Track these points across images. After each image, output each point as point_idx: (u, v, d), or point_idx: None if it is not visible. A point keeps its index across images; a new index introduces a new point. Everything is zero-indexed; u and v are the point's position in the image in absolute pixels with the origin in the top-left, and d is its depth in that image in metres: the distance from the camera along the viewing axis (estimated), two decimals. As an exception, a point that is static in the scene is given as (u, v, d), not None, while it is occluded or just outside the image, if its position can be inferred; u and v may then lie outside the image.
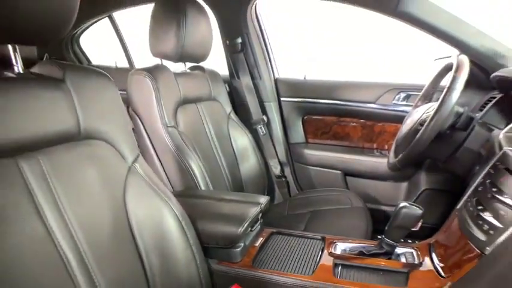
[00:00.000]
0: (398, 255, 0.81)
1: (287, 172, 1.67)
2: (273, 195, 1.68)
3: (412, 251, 0.81)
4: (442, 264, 0.73)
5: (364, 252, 0.80)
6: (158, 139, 1.08)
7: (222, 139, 1.34)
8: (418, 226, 0.77)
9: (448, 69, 1.04)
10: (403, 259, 0.79)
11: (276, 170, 1.64)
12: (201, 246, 0.76)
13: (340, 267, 0.78)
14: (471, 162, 0.99)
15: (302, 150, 1.67)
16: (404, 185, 1.51)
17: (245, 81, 1.58)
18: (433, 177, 1.41)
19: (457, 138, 1.02)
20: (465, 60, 0.93)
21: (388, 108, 1.50)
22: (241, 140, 1.44)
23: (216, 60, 1.46)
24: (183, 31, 1.10)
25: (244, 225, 0.77)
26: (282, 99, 1.67)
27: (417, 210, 0.76)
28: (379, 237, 0.85)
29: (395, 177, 1.50)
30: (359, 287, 0.71)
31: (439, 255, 0.77)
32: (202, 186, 1.07)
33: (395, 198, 1.52)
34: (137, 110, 1.10)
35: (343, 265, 0.79)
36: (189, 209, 0.77)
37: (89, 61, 2.02)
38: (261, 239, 0.90)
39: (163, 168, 1.11)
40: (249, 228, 0.82)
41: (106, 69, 0.71)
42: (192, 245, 0.73)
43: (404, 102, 1.46)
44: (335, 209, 1.30)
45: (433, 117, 0.89)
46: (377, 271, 0.76)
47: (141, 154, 0.73)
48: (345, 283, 0.72)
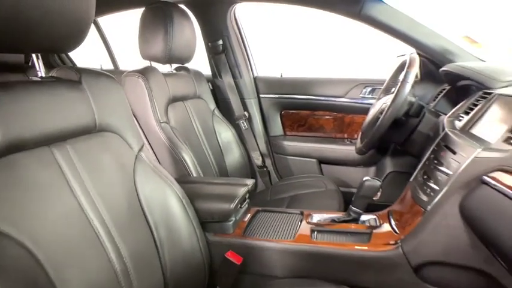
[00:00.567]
0: (363, 221, 0.96)
1: (268, 162, 1.80)
2: (256, 184, 1.80)
3: (375, 217, 0.98)
4: (397, 224, 0.90)
5: (335, 220, 0.96)
6: (153, 134, 1.19)
7: (208, 134, 1.45)
8: (378, 195, 0.93)
9: (403, 65, 1.21)
10: (367, 224, 0.95)
11: (257, 161, 1.76)
12: (200, 221, 0.88)
13: (316, 233, 0.93)
14: (423, 144, 1.17)
15: (281, 142, 1.80)
16: (372, 169, 1.68)
17: (227, 80, 1.69)
18: (396, 161, 1.59)
19: (411, 123, 1.20)
20: (416, 58, 1.10)
21: (356, 101, 1.65)
22: (226, 134, 1.56)
23: (198, 61, 1.56)
24: (170, 36, 1.20)
25: (235, 202, 0.90)
26: (261, 96, 1.80)
27: (376, 182, 0.92)
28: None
29: (364, 162, 1.67)
30: (331, 245, 0.86)
31: (395, 219, 0.93)
32: (194, 174, 1.19)
33: (364, 181, 1.70)
34: (132, 108, 1.19)
35: (319, 231, 0.94)
36: (187, 191, 0.88)
37: (74, 64, 2.06)
38: (249, 215, 1.03)
39: (157, 160, 1.22)
40: (239, 205, 0.95)
41: None
42: (193, 220, 0.85)
43: (370, 96, 1.62)
44: (311, 192, 1.45)
45: (389, 106, 1.05)
46: (346, 233, 0.92)
47: None
48: (320, 243, 0.88)
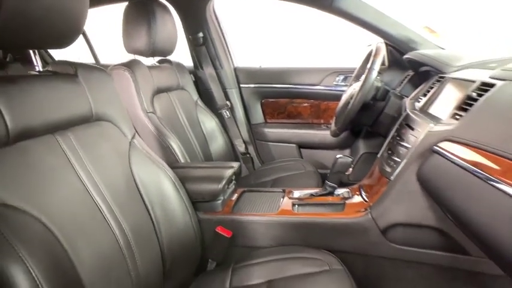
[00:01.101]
0: (338, 194, 1.08)
1: (250, 149, 1.89)
2: (240, 170, 1.90)
3: (348, 190, 1.09)
4: (366, 195, 1.02)
5: (314, 194, 1.07)
6: (140, 123, 1.24)
7: (192, 123, 1.52)
8: (349, 171, 1.05)
9: (371, 54, 1.33)
10: (341, 196, 1.07)
11: (240, 148, 1.85)
12: (191, 201, 0.97)
13: (297, 206, 1.04)
14: (390, 124, 1.29)
15: (262, 129, 1.90)
16: (347, 152, 1.81)
17: (208, 71, 1.75)
18: (368, 143, 1.71)
19: (378, 107, 1.33)
20: (381, 47, 1.21)
21: (331, 88, 1.77)
22: (209, 123, 1.63)
23: (179, 54, 1.61)
24: (153, 30, 1.25)
25: (223, 182, 0.99)
26: (241, 85, 1.88)
27: (348, 159, 1.04)
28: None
29: (339, 145, 1.79)
30: (311, 215, 0.98)
31: (365, 191, 1.05)
32: (182, 161, 1.27)
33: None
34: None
35: (299, 204, 1.05)
36: (178, 175, 0.95)
37: (52, 58, 2.06)
38: (235, 195, 1.13)
39: (146, 148, 1.28)
40: (227, 186, 1.04)
41: None
42: (185, 200, 0.93)
43: (343, 83, 1.74)
44: (292, 174, 1.56)
45: (358, 91, 1.17)
46: (323, 205, 1.03)
47: None
48: (300, 214, 0.99)
